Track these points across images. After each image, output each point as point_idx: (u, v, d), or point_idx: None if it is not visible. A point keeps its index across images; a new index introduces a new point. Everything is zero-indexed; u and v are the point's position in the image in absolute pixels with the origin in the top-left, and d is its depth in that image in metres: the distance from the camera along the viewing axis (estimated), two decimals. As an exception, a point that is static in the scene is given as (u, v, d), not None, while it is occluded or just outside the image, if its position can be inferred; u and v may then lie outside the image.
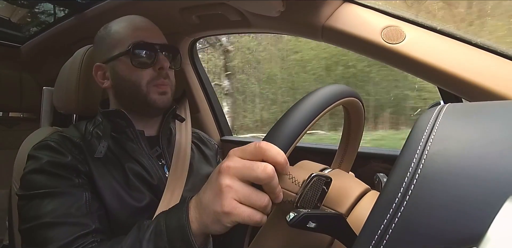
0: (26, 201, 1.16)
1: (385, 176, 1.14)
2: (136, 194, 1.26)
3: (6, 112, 3.27)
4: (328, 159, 1.24)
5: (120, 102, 1.41)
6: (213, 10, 1.92)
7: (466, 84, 1.26)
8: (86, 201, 1.16)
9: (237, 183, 0.74)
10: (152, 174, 1.33)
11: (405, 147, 0.56)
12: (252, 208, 0.75)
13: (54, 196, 1.12)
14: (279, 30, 1.92)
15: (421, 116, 0.62)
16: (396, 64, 1.44)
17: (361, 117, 1.10)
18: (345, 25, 1.50)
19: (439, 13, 3.03)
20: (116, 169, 1.28)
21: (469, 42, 1.32)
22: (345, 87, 0.96)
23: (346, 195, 0.88)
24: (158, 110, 1.41)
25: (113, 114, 1.35)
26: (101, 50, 1.43)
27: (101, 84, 1.43)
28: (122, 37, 1.36)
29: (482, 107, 0.63)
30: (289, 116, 0.80)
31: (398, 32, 1.39)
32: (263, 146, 0.73)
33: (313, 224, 0.71)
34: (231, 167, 0.74)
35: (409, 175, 0.51)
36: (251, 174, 0.73)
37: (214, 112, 2.83)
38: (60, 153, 1.22)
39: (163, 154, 1.44)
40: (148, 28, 1.41)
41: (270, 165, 0.73)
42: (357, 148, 1.22)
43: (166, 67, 1.35)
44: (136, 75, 1.33)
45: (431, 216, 0.47)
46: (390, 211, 0.50)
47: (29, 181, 1.19)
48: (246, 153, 0.75)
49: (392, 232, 0.48)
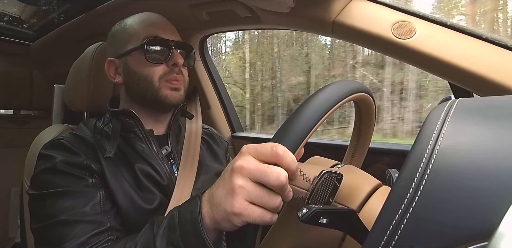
0: (39, 200, 1.16)
1: (396, 171, 1.14)
2: (147, 195, 1.26)
3: (17, 111, 3.27)
4: (340, 155, 1.24)
5: (131, 98, 1.40)
6: (223, 6, 1.92)
7: (477, 79, 1.26)
8: (100, 199, 1.16)
9: (249, 184, 0.74)
10: (162, 174, 1.32)
11: (417, 142, 0.56)
12: (263, 208, 0.75)
13: (68, 195, 1.12)
14: (289, 26, 1.92)
15: (432, 111, 0.62)
16: (407, 60, 1.44)
17: (372, 113, 1.10)
18: (356, 20, 1.49)
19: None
20: (126, 169, 1.28)
21: (479, 36, 1.31)
22: (357, 83, 0.96)
23: (358, 191, 0.87)
24: (169, 107, 1.40)
25: (122, 114, 1.34)
26: (114, 45, 1.43)
27: (112, 79, 1.42)
28: (136, 32, 1.36)
29: (493, 102, 0.63)
30: (300, 113, 0.80)
31: (408, 28, 1.38)
32: (280, 152, 0.73)
33: (325, 219, 0.71)
34: (244, 167, 0.74)
35: (420, 170, 0.51)
36: (264, 179, 0.73)
37: (224, 108, 2.82)
38: (73, 152, 1.22)
39: (172, 153, 1.43)
40: (163, 25, 1.41)
41: (284, 172, 0.73)
42: (368, 143, 1.22)
43: (179, 63, 1.34)
44: (149, 71, 1.32)
45: (443, 211, 0.47)
46: (402, 206, 0.50)
47: (42, 180, 1.18)
48: (261, 154, 0.76)
49: (404, 227, 0.48)
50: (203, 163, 1.49)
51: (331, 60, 11.21)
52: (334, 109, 0.84)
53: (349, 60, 10.45)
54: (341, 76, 10.34)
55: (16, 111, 3.26)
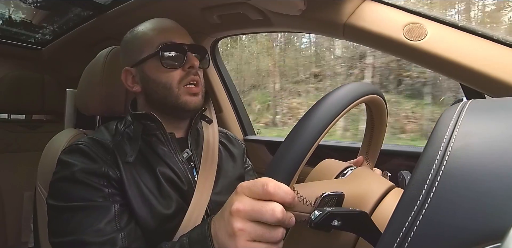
0: (57, 213, 1.17)
1: (408, 173, 1.14)
2: (166, 200, 1.26)
3: (29, 115, 3.27)
4: (351, 157, 1.24)
5: (151, 106, 1.39)
6: (234, 9, 1.93)
7: (489, 80, 1.25)
8: (115, 215, 1.16)
9: (248, 225, 0.75)
10: (183, 179, 1.32)
11: (429, 144, 0.56)
12: (266, 243, 0.76)
13: (84, 210, 1.13)
14: (300, 29, 1.92)
15: (444, 113, 0.62)
16: (418, 61, 1.43)
17: (384, 114, 1.10)
18: (367, 22, 1.49)
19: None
20: (147, 172, 1.28)
21: (491, 38, 1.30)
22: (368, 85, 0.95)
23: (370, 193, 0.88)
24: (189, 113, 1.41)
25: (144, 117, 1.34)
26: (128, 54, 1.43)
27: (130, 88, 1.41)
28: (150, 38, 1.36)
29: (505, 103, 0.63)
30: (293, 137, 0.79)
31: (420, 29, 1.38)
32: (270, 190, 0.74)
33: (338, 222, 0.71)
34: (241, 210, 0.76)
35: (432, 172, 0.51)
36: (260, 218, 0.75)
37: (236, 112, 2.82)
38: (92, 159, 1.22)
39: (192, 157, 1.43)
40: (175, 29, 1.41)
41: (278, 207, 0.74)
42: (380, 145, 1.21)
43: (196, 66, 1.34)
44: (167, 77, 1.32)
45: (455, 213, 0.47)
46: (415, 208, 0.50)
47: (59, 189, 1.20)
48: (254, 193, 0.76)
49: (417, 229, 0.48)
50: (221, 166, 1.49)
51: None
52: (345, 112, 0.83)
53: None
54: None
55: (28, 116, 3.26)
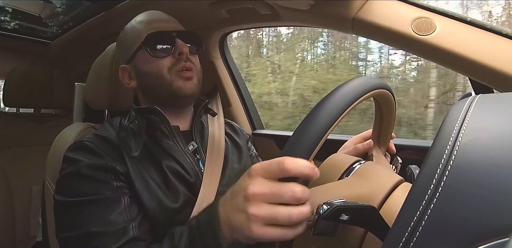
0: (64, 208, 1.17)
1: (417, 168, 1.14)
2: (173, 194, 1.25)
3: (38, 109, 3.25)
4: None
5: (149, 99, 1.40)
6: (243, 4, 1.93)
7: (498, 75, 1.25)
8: (125, 206, 1.15)
9: (264, 209, 0.74)
10: (189, 171, 1.32)
11: (437, 138, 0.56)
12: (284, 226, 0.75)
13: (93, 204, 1.13)
14: (309, 23, 1.92)
15: (452, 107, 0.62)
16: (427, 56, 1.43)
17: (392, 109, 1.10)
18: (376, 17, 1.49)
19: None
20: (153, 167, 1.28)
21: (500, 33, 1.30)
22: (375, 79, 0.95)
23: (379, 187, 0.88)
24: (186, 99, 1.40)
25: (147, 111, 1.33)
26: (122, 51, 1.46)
27: (128, 85, 1.43)
28: (138, 32, 1.37)
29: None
30: (312, 117, 0.80)
31: (428, 24, 1.38)
32: (288, 167, 0.73)
33: (346, 216, 0.71)
34: (257, 193, 0.75)
35: (441, 166, 0.51)
36: (280, 199, 0.74)
37: (245, 106, 2.81)
38: (97, 154, 1.22)
39: (198, 149, 1.44)
40: (163, 19, 1.42)
41: (298, 187, 0.73)
42: (391, 131, 1.22)
43: (185, 52, 1.34)
44: (156, 66, 1.33)
45: (464, 207, 0.47)
46: (423, 203, 0.50)
47: (67, 185, 1.20)
48: (271, 174, 0.75)
49: (425, 224, 0.49)
50: (227, 157, 1.48)
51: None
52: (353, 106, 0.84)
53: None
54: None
55: (37, 110, 3.25)
